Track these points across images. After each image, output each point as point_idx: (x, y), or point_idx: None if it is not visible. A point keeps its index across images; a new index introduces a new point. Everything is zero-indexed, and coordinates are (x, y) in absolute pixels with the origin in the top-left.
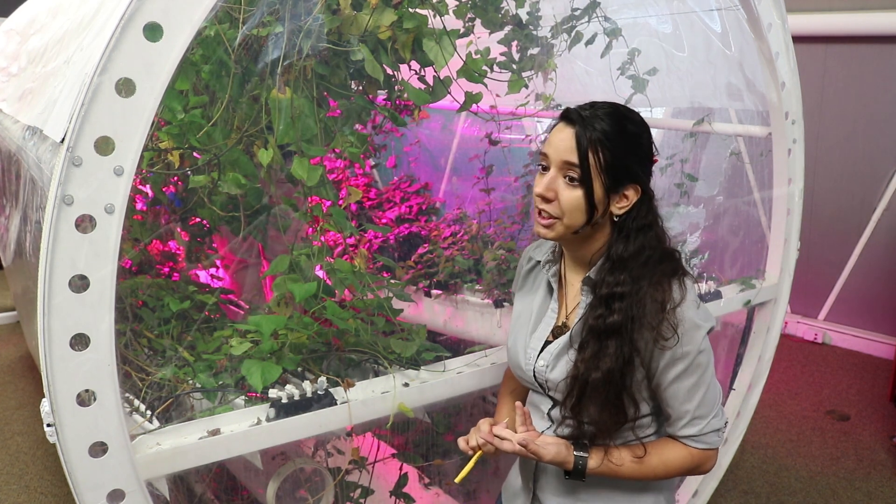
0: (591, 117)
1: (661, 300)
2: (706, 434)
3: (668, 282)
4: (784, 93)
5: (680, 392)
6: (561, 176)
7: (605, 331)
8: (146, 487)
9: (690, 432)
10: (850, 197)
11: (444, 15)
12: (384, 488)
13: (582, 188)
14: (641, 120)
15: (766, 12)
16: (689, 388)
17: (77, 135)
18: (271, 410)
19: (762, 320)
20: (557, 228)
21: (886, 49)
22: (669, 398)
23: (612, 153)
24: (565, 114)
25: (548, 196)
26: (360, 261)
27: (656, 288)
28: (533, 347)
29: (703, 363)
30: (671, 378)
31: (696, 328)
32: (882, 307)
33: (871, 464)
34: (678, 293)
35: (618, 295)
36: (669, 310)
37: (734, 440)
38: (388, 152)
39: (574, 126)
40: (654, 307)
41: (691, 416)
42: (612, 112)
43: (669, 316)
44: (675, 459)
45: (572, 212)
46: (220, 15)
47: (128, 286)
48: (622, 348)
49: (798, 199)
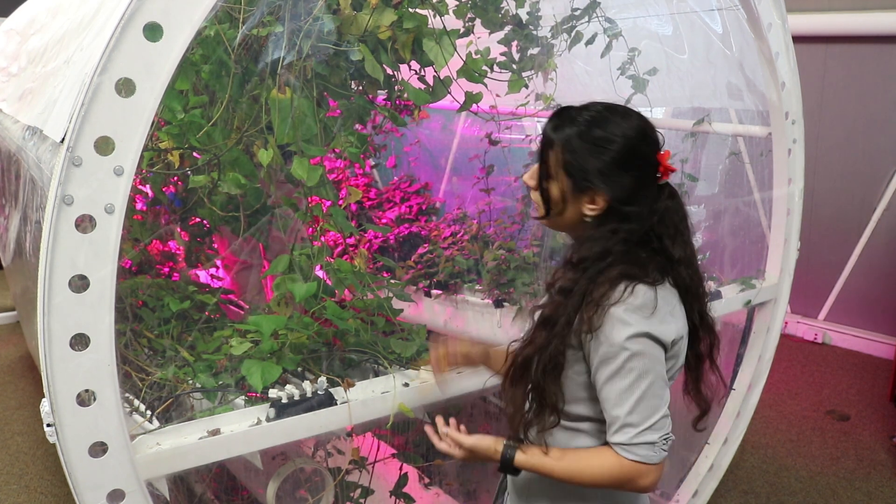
0: (568, 118)
1: (599, 296)
2: (636, 445)
3: (617, 282)
4: (784, 93)
5: (611, 394)
6: None
7: (540, 321)
8: (146, 487)
9: (620, 440)
10: (850, 197)
11: (444, 15)
12: (384, 488)
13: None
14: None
15: (766, 12)
16: (619, 391)
17: (77, 135)
18: (271, 410)
19: (762, 320)
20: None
21: (886, 49)
22: (602, 401)
23: (571, 155)
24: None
25: (529, 184)
26: (360, 261)
27: (599, 284)
28: None
29: (635, 368)
30: (603, 379)
31: (620, 323)
32: (882, 307)
33: (871, 464)
34: (618, 294)
35: (559, 289)
36: (604, 305)
37: (734, 440)
38: (388, 152)
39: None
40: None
41: (621, 423)
42: (592, 116)
43: (600, 311)
44: (604, 466)
45: (538, 202)
46: (220, 15)
47: (128, 286)
48: (548, 340)
49: (798, 199)
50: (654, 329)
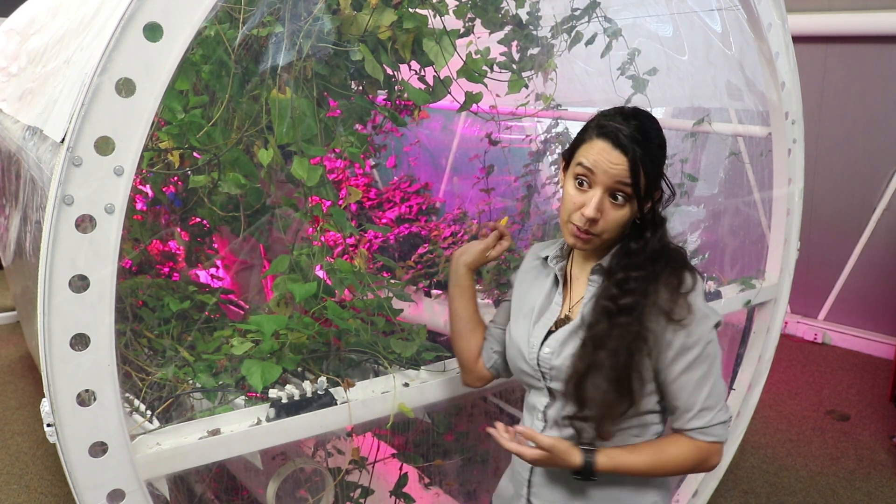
0: (632, 139)
1: (676, 284)
2: (714, 426)
3: (682, 270)
4: (784, 93)
5: (689, 383)
6: (607, 195)
7: (617, 311)
8: (146, 487)
9: (698, 424)
10: (850, 197)
11: (444, 15)
12: (384, 488)
13: (629, 206)
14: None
15: (766, 12)
16: (698, 379)
17: (77, 135)
18: (271, 410)
19: (762, 320)
20: (595, 242)
21: (886, 49)
22: (678, 390)
23: (652, 170)
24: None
25: (597, 217)
26: (360, 261)
27: (671, 273)
28: (536, 336)
29: (711, 354)
30: (680, 369)
31: (705, 317)
32: (882, 307)
33: (871, 464)
34: (689, 281)
35: (633, 278)
36: (683, 294)
37: (734, 440)
38: (388, 152)
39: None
40: (668, 290)
41: (700, 408)
42: (646, 127)
43: (682, 300)
44: (683, 454)
45: (615, 228)
46: (220, 15)
47: (128, 286)
48: (631, 326)
49: (798, 199)
50: (720, 316)
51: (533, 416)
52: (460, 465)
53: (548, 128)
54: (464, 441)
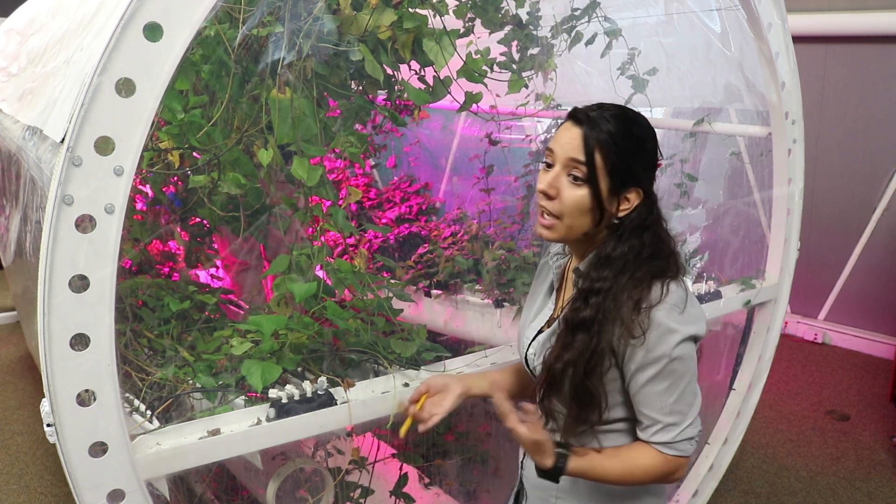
0: (598, 118)
1: (637, 299)
2: (679, 442)
3: (650, 282)
4: (784, 93)
5: (651, 397)
6: (565, 174)
7: (577, 324)
8: (146, 487)
9: (664, 439)
10: (850, 197)
11: (444, 15)
12: (384, 488)
13: (587, 188)
14: (648, 124)
15: (766, 12)
16: (659, 393)
17: (77, 135)
18: (271, 410)
19: (762, 320)
20: (558, 229)
21: (886, 49)
22: (640, 403)
23: (617, 156)
24: (573, 113)
25: (550, 193)
26: (360, 261)
27: (635, 286)
28: (527, 336)
29: (676, 370)
30: (642, 381)
31: (668, 332)
32: (882, 307)
33: (871, 464)
34: (657, 294)
35: (595, 290)
36: (644, 309)
37: (734, 440)
38: (388, 152)
39: (581, 126)
40: (629, 305)
41: (665, 423)
42: (620, 114)
43: (642, 316)
44: (651, 465)
45: (573, 212)
46: (220, 15)
47: (128, 286)
48: (589, 342)
49: (798, 199)
50: (695, 330)
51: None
52: (460, 465)
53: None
54: (464, 441)
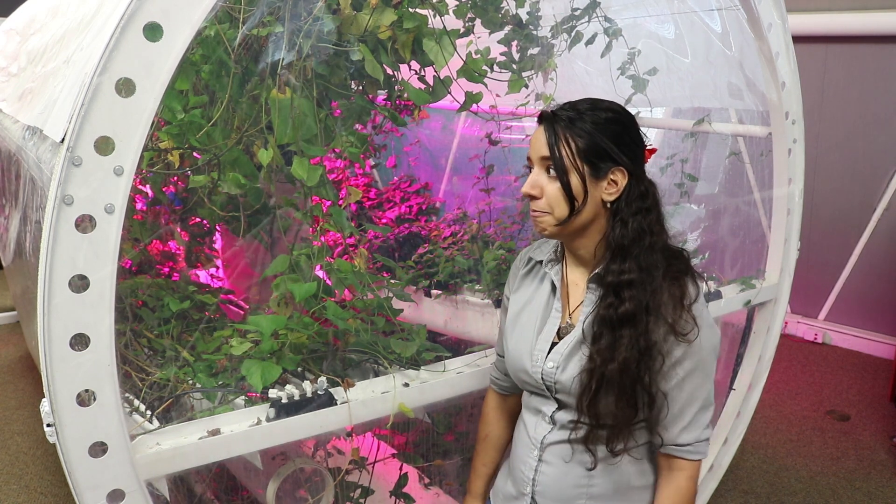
0: (559, 111)
1: (679, 295)
2: (702, 442)
3: (684, 278)
4: (784, 93)
5: (682, 393)
6: (543, 172)
7: (619, 320)
8: (146, 487)
9: (688, 439)
10: (850, 197)
11: (444, 15)
12: (384, 488)
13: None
14: (620, 108)
15: (766, 12)
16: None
17: (77, 135)
18: (271, 410)
19: (762, 320)
20: (549, 221)
21: (886, 49)
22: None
23: (583, 138)
24: (539, 116)
25: (533, 193)
26: (360, 261)
27: (673, 283)
28: (540, 349)
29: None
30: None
31: (710, 328)
32: (882, 307)
33: (871, 464)
34: (693, 290)
35: (626, 283)
36: (687, 305)
37: (734, 440)
38: (388, 152)
39: (545, 122)
40: (672, 301)
41: (689, 420)
42: (585, 102)
43: (686, 312)
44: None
45: (556, 204)
46: (220, 15)
47: (128, 286)
48: (638, 338)
49: (798, 199)
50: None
51: (539, 418)
52: (460, 465)
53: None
54: (464, 441)
